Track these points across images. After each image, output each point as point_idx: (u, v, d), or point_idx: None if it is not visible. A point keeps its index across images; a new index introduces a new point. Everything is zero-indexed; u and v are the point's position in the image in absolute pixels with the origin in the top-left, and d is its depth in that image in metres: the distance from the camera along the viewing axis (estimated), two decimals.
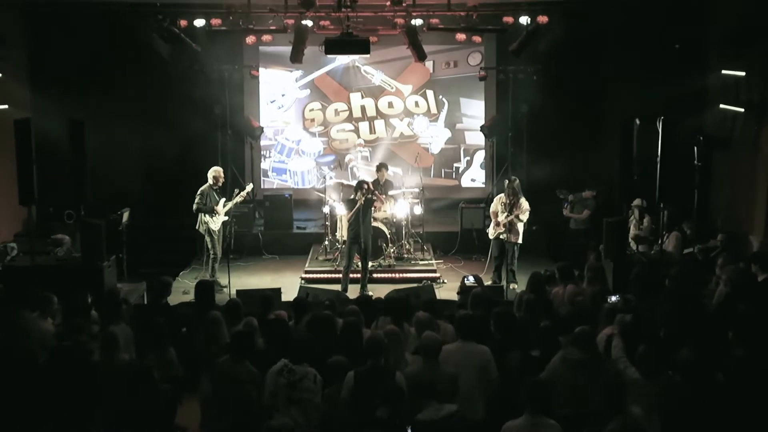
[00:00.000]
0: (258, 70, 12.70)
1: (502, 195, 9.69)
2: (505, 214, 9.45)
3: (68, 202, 10.12)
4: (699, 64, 11.18)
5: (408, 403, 4.86)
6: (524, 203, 9.51)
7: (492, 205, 9.84)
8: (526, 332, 5.85)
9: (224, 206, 9.65)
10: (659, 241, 9.21)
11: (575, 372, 5.17)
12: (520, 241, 9.61)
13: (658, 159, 8.38)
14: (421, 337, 5.31)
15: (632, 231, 9.92)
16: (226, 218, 9.72)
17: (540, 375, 5.20)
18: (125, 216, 10.24)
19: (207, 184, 9.60)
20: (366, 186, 9.31)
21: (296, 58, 10.63)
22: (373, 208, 9.59)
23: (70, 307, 6.48)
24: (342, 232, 10.43)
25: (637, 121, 8.50)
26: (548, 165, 11.93)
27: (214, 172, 9.64)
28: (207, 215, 9.50)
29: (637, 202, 9.98)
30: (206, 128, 12.22)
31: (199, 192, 9.53)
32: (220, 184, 9.70)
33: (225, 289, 9.36)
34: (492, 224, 9.75)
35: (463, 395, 5.17)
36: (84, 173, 8.51)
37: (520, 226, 9.59)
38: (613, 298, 6.71)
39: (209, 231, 9.53)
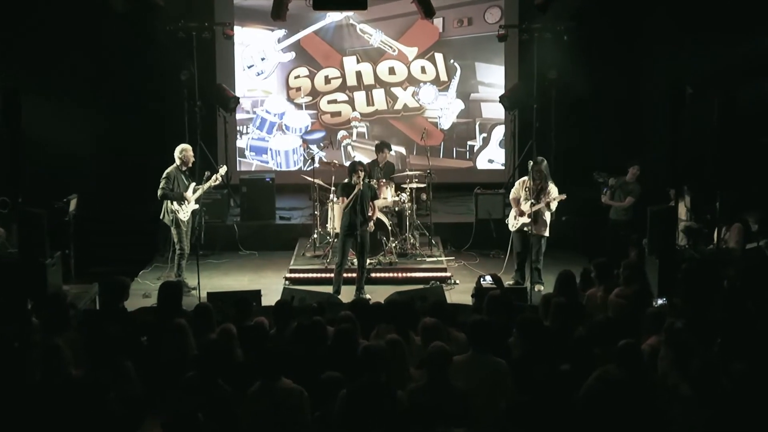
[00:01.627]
0: (233, 29, 12.68)
1: (525, 178, 9.66)
2: (530, 201, 9.40)
3: (1, 187, 10.10)
4: (765, 21, 11.10)
5: (410, 427, 4.83)
6: (553, 189, 9.48)
7: (512, 190, 9.80)
8: (555, 343, 5.84)
9: (194, 192, 9.61)
10: (715, 235, 9.16)
11: (616, 394, 5.14)
12: (546, 233, 9.58)
13: (715, 135, 8.31)
14: (428, 350, 5.28)
15: (682, 221, 9.88)
16: (196, 206, 9.69)
17: (573, 395, 5.18)
18: (72, 204, 10.19)
19: (173, 165, 9.57)
20: (361, 169, 9.25)
21: (279, 14, 10.57)
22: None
23: (3, 313, 6.42)
24: (334, 224, 10.40)
25: (689, 90, 8.43)
26: (580, 143, 11.89)
27: (182, 151, 9.61)
28: (174, 203, 9.47)
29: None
30: (171, 99, 12.20)
31: (164, 175, 9.50)
32: (189, 165, 9.68)
33: (194, 292, 9.34)
34: (513, 214, 9.70)
35: (474, 417, 5.16)
36: (21, 152, 8.43)
37: (548, 216, 9.55)
38: (659, 302, 6.67)
39: (176, 222, 9.51)
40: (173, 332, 6.14)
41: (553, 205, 9.47)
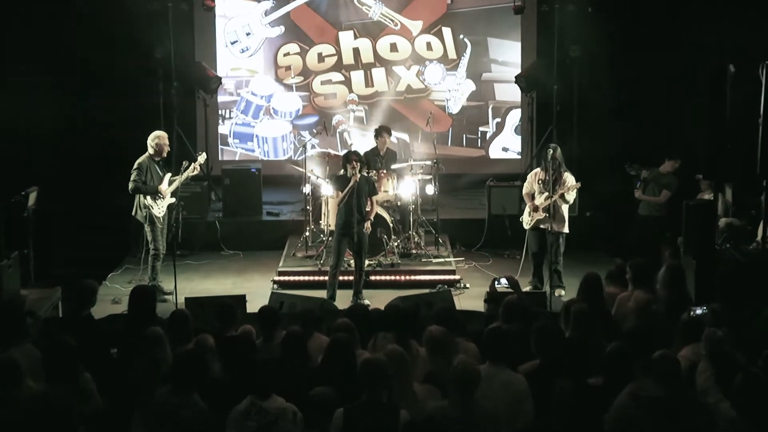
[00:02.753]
0: (214, 0, 12.62)
1: (538, 170, 9.64)
2: (544, 194, 9.36)
3: None
4: None
5: None
6: (569, 178, 9.44)
7: (525, 185, 9.80)
8: (578, 356, 5.82)
9: (170, 184, 9.59)
10: (759, 233, 9.12)
11: (651, 414, 5.11)
12: (566, 230, 9.56)
13: (761, 120, 8.26)
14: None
15: (722, 217, 9.83)
16: (173, 201, 9.66)
17: (603, 414, 5.15)
18: (32, 198, 10.16)
19: (146, 154, 9.55)
20: (356, 159, 9.23)
21: None
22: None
23: None
24: (328, 220, 10.37)
25: (732, 68, 8.37)
26: (607, 129, 11.84)
27: (156, 138, 9.58)
28: (147, 197, 9.44)
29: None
30: (143, 80, 12.17)
31: (136, 165, 9.47)
32: (164, 154, 9.66)
33: (170, 297, 9.33)
34: (527, 210, 9.68)
35: None
36: None
37: (566, 210, 9.52)
38: (698, 311, 6.63)
39: (150, 218, 9.48)
40: (146, 343, 6.08)
41: (570, 196, 9.42)
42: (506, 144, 13.69)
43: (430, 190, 11.14)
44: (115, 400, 5.68)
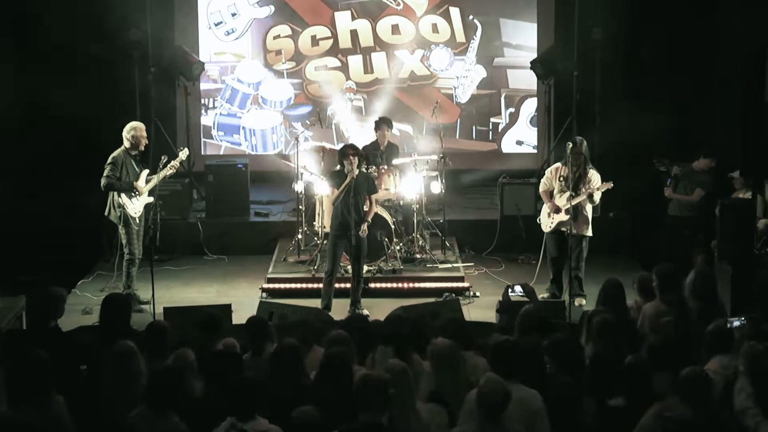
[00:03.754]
0: None
1: (559, 165, 9.61)
2: (567, 193, 9.34)
3: None
4: None
5: None
6: (595, 176, 9.41)
7: (542, 181, 9.76)
8: (599, 371, 5.79)
9: (147, 181, 9.59)
10: None
11: None
12: (589, 233, 9.54)
13: None
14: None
15: (761, 219, 9.81)
16: (150, 200, 9.65)
17: None
18: None
19: (121, 148, 9.53)
20: (353, 153, 9.22)
21: None
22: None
23: None
24: (323, 221, 10.36)
25: None
26: (633, 120, 11.81)
27: (132, 130, 9.56)
28: (122, 195, 9.43)
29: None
30: (118, 65, 12.14)
31: (110, 160, 9.45)
32: (141, 148, 9.65)
33: (146, 307, 9.32)
34: (545, 210, 9.66)
35: None
36: None
37: (590, 211, 9.50)
38: (735, 322, 6.62)
39: (125, 219, 9.46)
40: (120, 358, 6.07)
41: (597, 196, 9.39)
42: (521, 137, 13.66)
43: (436, 187, 11.11)
44: (85, 422, 5.65)
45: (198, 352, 6.29)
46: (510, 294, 8.03)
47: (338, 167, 9.38)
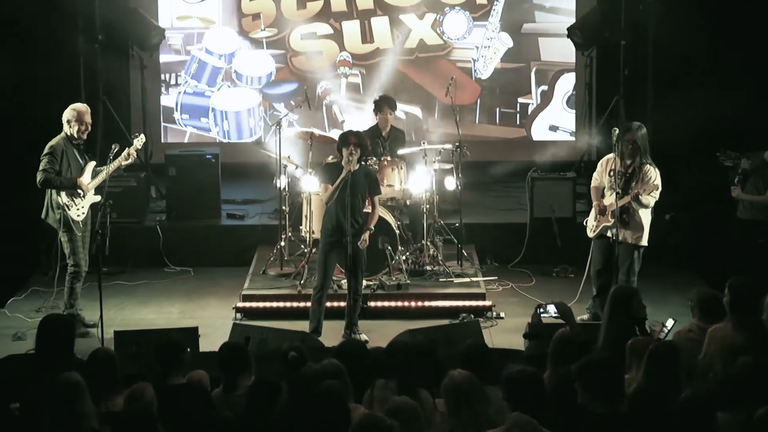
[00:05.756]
0: None
1: (612, 156, 9.58)
2: (616, 191, 9.35)
3: None
4: None
5: None
6: (652, 172, 9.40)
7: (594, 175, 9.74)
8: (648, 404, 5.80)
9: (94, 176, 9.59)
10: None
11: None
12: (644, 242, 9.54)
13: None
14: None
15: None
16: (98, 198, 9.66)
17: None
18: None
19: (61, 135, 9.55)
20: (355, 142, 9.23)
21: None
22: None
23: None
24: (312, 225, 10.38)
25: None
26: (694, 101, 11.80)
27: (76, 113, 9.55)
28: (63, 193, 9.44)
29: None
30: (55, 32, 12.18)
31: (47, 150, 9.46)
32: (85, 136, 9.65)
33: (93, 330, 9.34)
34: (593, 211, 9.66)
35: None
36: None
37: (645, 215, 9.49)
38: None
39: (66, 222, 9.48)
40: (62, 395, 6.07)
41: (649, 199, 9.35)
42: (555, 121, 13.68)
43: (451, 184, 11.12)
44: None
45: (157, 386, 6.28)
46: (541, 315, 7.99)
47: (331, 158, 9.37)
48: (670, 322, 7.50)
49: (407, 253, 10.62)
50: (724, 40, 12.44)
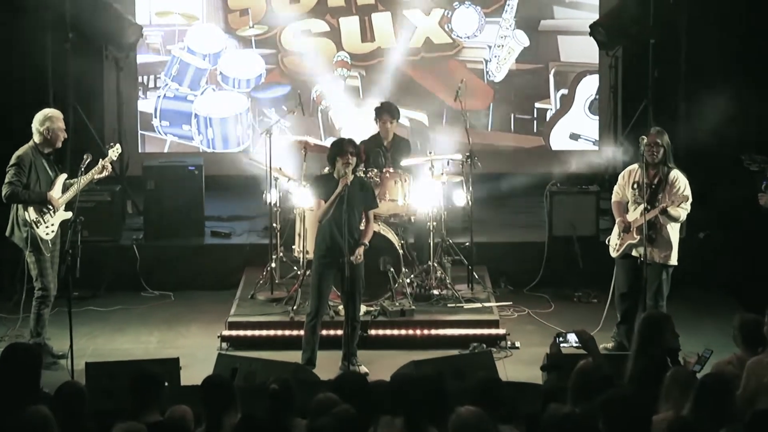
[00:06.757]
0: None
1: (635, 167, 9.59)
2: (640, 207, 9.35)
3: None
4: None
5: None
6: (680, 180, 9.40)
7: (615, 189, 9.75)
8: None
9: (65, 190, 9.61)
10: None
11: None
12: (673, 261, 9.54)
13: None
14: None
15: None
16: (68, 215, 9.66)
17: None
18: None
19: (29, 144, 9.57)
20: (352, 151, 9.23)
21: None
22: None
23: None
24: (305, 245, 10.38)
25: None
26: (731, 106, 11.82)
27: (47, 121, 9.56)
28: (30, 208, 9.45)
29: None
30: (21, 30, 12.20)
31: (14, 160, 9.49)
32: (58, 144, 9.67)
33: (63, 362, 9.33)
34: (616, 228, 9.67)
35: None
36: None
37: (673, 231, 9.50)
38: None
39: (34, 241, 9.49)
40: (26, 430, 6.07)
41: (680, 211, 9.34)
42: (576, 128, 13.71)
43: (461, 198, 11.13)
44: None
45: (130, 422, 6.27)
46: (561, 344, 7.99)
47: (327, 170, 9.36)
48: (707, 353, 7.47)
49: (412, 276, 10.64)
50: (765, 37, 12.46)
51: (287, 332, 10.03)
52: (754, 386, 6.98)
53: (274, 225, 10.93)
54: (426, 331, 10.16)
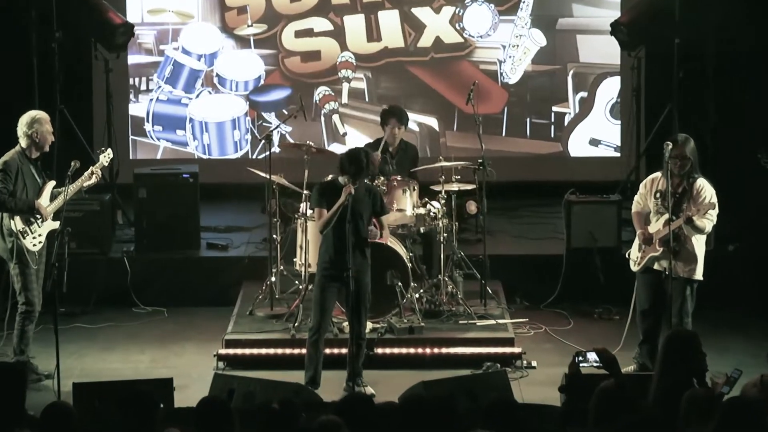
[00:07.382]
0: None
1: (658, 175, 9.58)
2: (663, 217, 9.35)
3: None
4: None
5: None
6: (706, 189, 9.38)
7: (636, 199, 9.75)
8: None
9: (53, 198, 9.64)
10: None
11: None
12: (698, 275, 9.52)
13: None
14: None
15: None
16: (56, 225, 9.69)
17: None
18: None
19: (15, 149, 9.61)
20: (366, 160, 9.26)
21: None
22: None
23: None
24: (307, 257, 10.41)
25: None
26: (761, 111, 11.82)
27: (35, 123, 9.60)
28: (16, 218, 9.48)
29: None
30: (7, 27, 12.30)
31: (0, 166, 9.51)
32: (46, 148, 9.71)
33: (48, 382, 9.37)
34: (636, 241, 9.68)
35: None
36: None
37: (699, 243, 9.49)
38: None
39: (20, 252, 9.51)
40: None
41: (705, 222, 9.34)
42: (596, 133, 13.71)
43: (473, 208, 11.14)
44: None
45: None
46: (580, 364, 7.99)
47: (330, 177, 9.37)
48: (735, 374, 7.46)
49: (421, 291, 10.64)
50: None
51: (288, 351, 10.03)
52: None
53: (274, 236, 10.93)
54: (436, 350, 10.17)
